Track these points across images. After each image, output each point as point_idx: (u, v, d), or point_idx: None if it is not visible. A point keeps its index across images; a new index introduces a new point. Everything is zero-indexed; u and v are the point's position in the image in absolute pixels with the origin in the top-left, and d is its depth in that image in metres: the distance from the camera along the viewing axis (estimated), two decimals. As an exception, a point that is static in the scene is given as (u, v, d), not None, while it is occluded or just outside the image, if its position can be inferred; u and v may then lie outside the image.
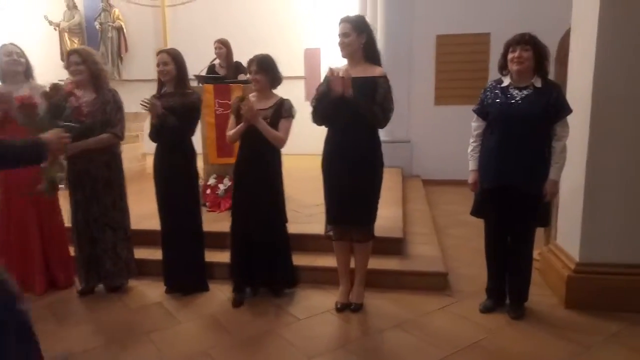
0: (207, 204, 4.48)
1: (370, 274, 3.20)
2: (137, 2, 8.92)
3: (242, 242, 3.08)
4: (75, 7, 9.00)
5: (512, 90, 2.69)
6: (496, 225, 2.85)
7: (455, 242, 4.27)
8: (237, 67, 5.05)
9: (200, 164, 3.43)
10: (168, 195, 3.18)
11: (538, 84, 2.65)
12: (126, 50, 9.04)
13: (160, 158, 3.18)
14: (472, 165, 2.86)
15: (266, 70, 2.97)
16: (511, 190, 2.68)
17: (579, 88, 3.00)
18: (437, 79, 6.97)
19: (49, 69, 9.27)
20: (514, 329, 2.73)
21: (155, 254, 3.39)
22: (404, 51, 6.86)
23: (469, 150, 2.88)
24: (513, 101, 2.66)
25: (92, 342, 2.65)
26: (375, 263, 3.35)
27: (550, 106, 2.60)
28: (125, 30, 8.95)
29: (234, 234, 3.10)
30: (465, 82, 6.76)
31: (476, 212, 2.90)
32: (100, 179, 3.10)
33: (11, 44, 3.21)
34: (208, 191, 4.59)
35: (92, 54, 3.19)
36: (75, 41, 9.02)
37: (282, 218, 3.11)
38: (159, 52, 3.11)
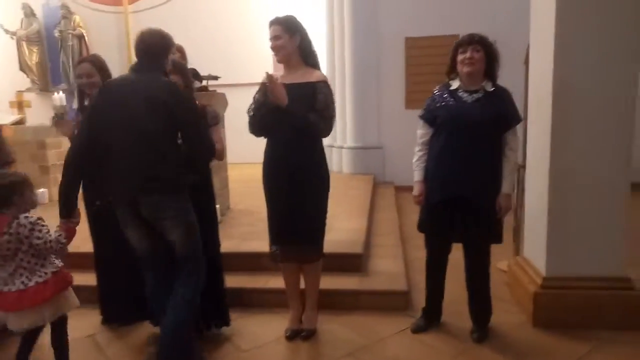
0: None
1: (325, 295, 2.96)
2: (99, 9, 8.62)
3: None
4: (33, 14, 8.61)
5: (462, 94, 2.48)
6: (443, 241, 2.63)
7: (423, 253, 4.03)
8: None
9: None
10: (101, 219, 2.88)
11: (489, 87, 2.45)
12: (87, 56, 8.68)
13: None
14: (417, 175, 2.63)
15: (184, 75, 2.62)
16: (460, 202, 2.46)
17: (539, 87, 2.80)
18: (408, 82, 6.79)
19: (6, 79, 9.04)
20: (477, 354, 2.50)
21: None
22: (372, 55, 6.67)
23: (414, 159, 2.66)
24: (462, 104, 2.45)
25: None
26: (332, 282, 3.11)
27: (502, 115, 2.41)
28: (86, 38, 8.60)
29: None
30: (436, 85, 6.57)
31: (422, 226, 2.68)
32: None
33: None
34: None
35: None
36: (35, 50, 8.66)
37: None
38: (81, 62, 2.82)
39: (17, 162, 3.20)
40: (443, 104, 2.50)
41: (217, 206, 4.13)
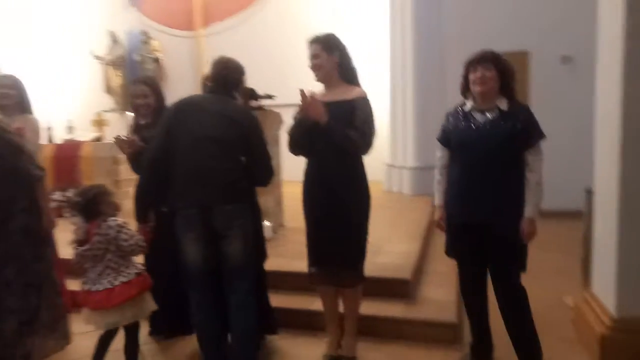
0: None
1: (368, 321, 2.85)
2: (174, 34, 9.20)
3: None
4: (118, 41, 9.37)
5: (475, 114, 2.32)
6: (471, 267, 2.44)
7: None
8: (250, 94, 4.88)
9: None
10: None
11: (503, 106, 2.27)
12: (162, 79, 9.25)
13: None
14: (437, 199, 2.52)
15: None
16: (481, 228, 2.29)
17: (607, 103, 2.53)
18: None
19: (93, 100, 9.84)
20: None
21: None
22: (435, 74, 6.47)
23: (435, 183, 2.54)
24: (475, 126, 2.29)
25: None
26: (376, 308, 3.00)
27: (518, 131, 2.21)
28: (162, 62, 9.18)
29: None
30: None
31: (448, 251, 2.53)
32: None
33: (3, 76, 3.18)
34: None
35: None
36: (118, 73, 9.37)
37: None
38: (136, 83, 2.97)
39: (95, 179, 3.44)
40: (457, 127, 2.37)
41: (269, 224, 4.16)
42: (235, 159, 2.33)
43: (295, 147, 2.55)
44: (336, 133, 2.37)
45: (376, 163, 7.53)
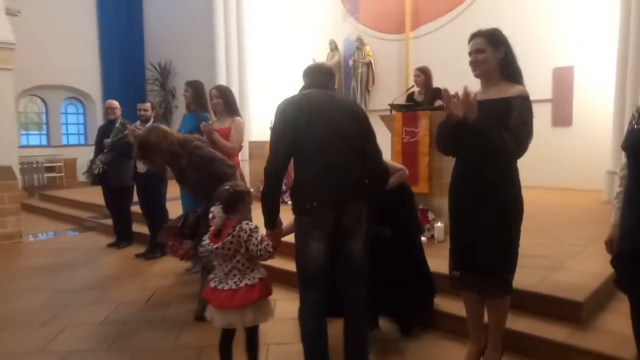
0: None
1: (526, 340, 2.67)
2: (384, 38, 9.65)
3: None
4: (336, 48, 10.34)
5: None
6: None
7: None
8: (436, 93, 4.88)
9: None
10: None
11: None
12: (373, 83, 9.82)
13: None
14: (613, 217, 2.06)
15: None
16: None
17: None
18: None
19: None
20: None
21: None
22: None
23: (614, 197, 2.08)
24: None
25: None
26: (538, 327, 2.74)
27: None
28: (373, 66, 9.75)
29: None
30: None
31: (617, 282, 2.06)
32: None
33: (213, 87, 4.12)
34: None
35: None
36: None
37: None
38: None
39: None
40: (634, 127, 1.89)
41: (441, 224, 4.13)
42: (360, 155, 2.32)
43: (441, 145, 2.52)
44: (484, 133, 2.26)
45: (595, 170, 6.60)
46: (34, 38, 10.45)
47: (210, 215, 2.36)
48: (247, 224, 2.35)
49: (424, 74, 5.04)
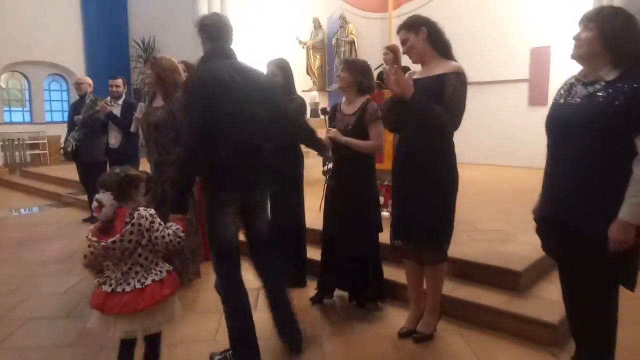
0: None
1: (465, 307, 2.82)
2: (368, 17, 9.62)
3: (329, 244, 3.08)
4: (320, 26, 10.31)
5: (578, 87, 1.85)
6: (564, 273, 2.02)
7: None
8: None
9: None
10: (275, 193, 3.44)
11: (610, 76, 1.75)
12: (355, 61, 9.81)
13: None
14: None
15: (353, 71, 2.89)
16: (559, 226, 1.87)
17: None
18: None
19: (297, 80, 11.00)
20: None
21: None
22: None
23: None
24: (569, 102, 1.85)
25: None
26: (475, 294, 2.89)
27: (620, 112, 1.67)
28: (356, 44, 9.73)
29: (324, 235, 3.13)
30: None
31: (542, 247, 2.12)
32: None
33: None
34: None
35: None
36: (318, 56, 10.34)
37: (371, 226, 2.94)
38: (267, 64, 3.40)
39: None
40: (554, 101, 1.97)
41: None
42: (272, 135, 2.42)
43: (386, 123, 2.61)
44: (419, 107, 2.35)
45: None
46: (15, 13, 10.32)
47: (95, 205, 1.97)
48: (145, 209, 1.98)
49: (392, 52, 5.08)
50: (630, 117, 1.66)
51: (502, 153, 7.94)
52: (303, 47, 10.36)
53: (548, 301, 2.77)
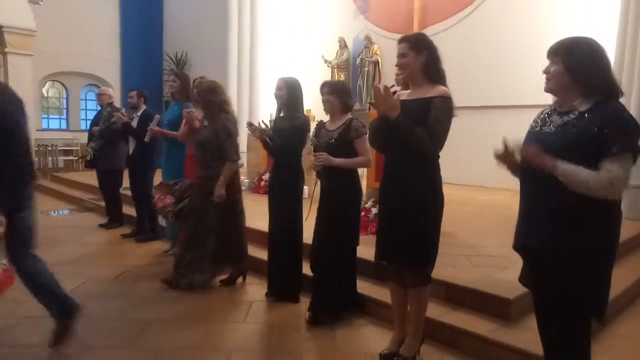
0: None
1: (453, 332, 2.78)
2: (392, 37, 9.66)
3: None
4: (345, 46, 10.44)
5: (554, 116, 1.83)
6: (537, 304, 1.97)
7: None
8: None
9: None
10: (274, 205, 3.50)
11: (583, 106, 1.72)
12: (380, 82, 9.85)
13: (271, 173, 3.56)
14: None
15: (341, 94, 3.07)
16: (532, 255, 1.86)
17: None
18: None
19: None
20: None
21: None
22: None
23: None
24: (544, 131, 1.83)
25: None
26: (463, 320, 2.83)
27: (588, 141, 1.67)
28: (380, 64, 9.79)
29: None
30: None
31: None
32: None
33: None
34: (362, 213, 4.65)
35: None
36: (342, 75, 10.44)
37: (346, 240, 3.04)
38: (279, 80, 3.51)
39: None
40: (529, 129, 1.94)
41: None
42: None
43: (373, 143, 2.62)
44: (402, 128, 2.35)
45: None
46: (58, 26, 10.90)
47: None
48: None
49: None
50: (599, 148, 1.65)
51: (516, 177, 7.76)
52: (328, 66, 10.50)
53: (537, 333, 2.67)
